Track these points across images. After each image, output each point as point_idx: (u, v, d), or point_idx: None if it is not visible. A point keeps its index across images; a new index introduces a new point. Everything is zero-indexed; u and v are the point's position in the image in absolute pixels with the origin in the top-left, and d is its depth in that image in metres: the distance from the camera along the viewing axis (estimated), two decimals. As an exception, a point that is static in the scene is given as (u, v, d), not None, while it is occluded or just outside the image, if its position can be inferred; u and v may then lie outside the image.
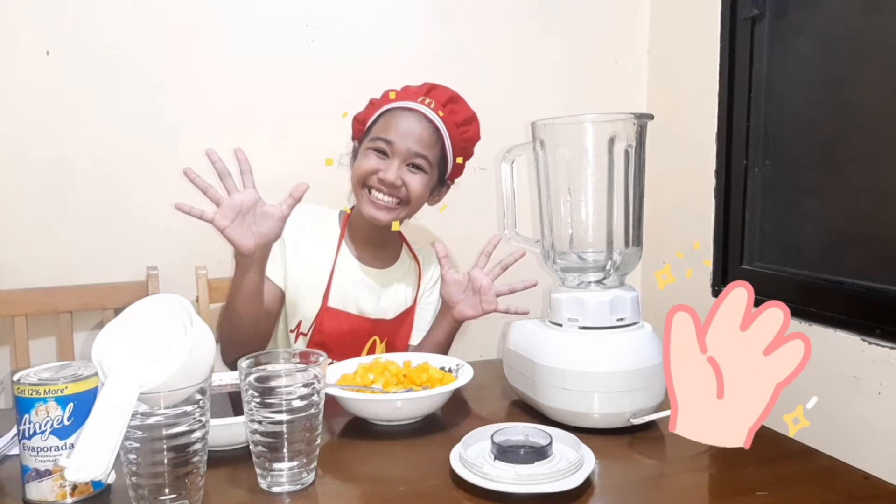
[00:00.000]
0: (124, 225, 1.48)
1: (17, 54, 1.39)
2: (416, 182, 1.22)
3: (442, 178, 1.29)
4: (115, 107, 1.45)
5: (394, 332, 1.31)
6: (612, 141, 1.03)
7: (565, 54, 1.74)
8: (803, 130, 1.36)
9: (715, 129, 1.53)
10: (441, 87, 1.28)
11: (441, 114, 1.24)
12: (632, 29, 1.78)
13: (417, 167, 1.22)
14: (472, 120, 1.29)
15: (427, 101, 1.24)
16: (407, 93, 1.26)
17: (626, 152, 1.04)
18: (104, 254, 1.47)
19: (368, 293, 1.29)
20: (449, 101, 1.26)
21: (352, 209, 1.32)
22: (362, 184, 1.22)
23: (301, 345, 1.26)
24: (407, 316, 1.33)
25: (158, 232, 1.50)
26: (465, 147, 1.30)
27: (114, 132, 1.46)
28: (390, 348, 1.31)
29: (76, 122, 1.44)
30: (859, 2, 1.24)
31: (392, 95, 1.26)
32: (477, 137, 1.31)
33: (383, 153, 1.21)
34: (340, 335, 1.25)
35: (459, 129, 1.27)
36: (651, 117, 1.05)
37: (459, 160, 1.30)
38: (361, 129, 1.29)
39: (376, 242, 1.31)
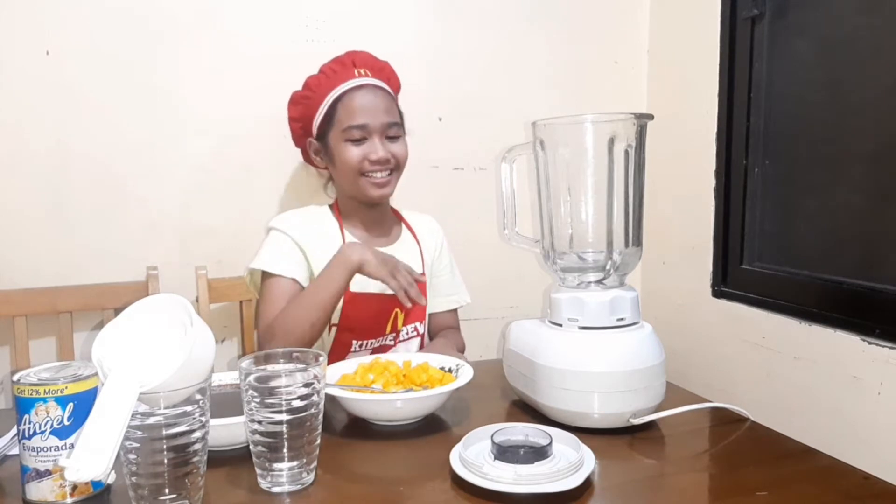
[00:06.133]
0: (124, 225, 1.48)
1: (17, 54, 1.39)
2: (399, 148, 1.29)
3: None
4: (115, 107, 1.45)
5: None
6: (612, 141, 1.03)
7: (565, 54, 1.73)
8: (803, 130, 1.36)
9: (715, 129, 1.53)
10: (356, 53, 1.31)
11: (378, 77, 1.29)
12: (632, 29, 1.78)
13: (394, 135, 1.28)
14: (391, 68, 1.34)
15: (361, 71, 1.28)
16: (338, 75, 1.28)
17: (626, 152, 1.04)
18: (104, 254, 1.47)
19: None
20: (371, 61, 1.31)
21: (336, 200, 1.36)
22: (359, 172, 1.26)
23: (331, 336, 1.27)
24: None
25: (158, 232, 1.50)
26: (398, 91, 1.35)
27: (114, 132, 1.46)
28: (408, 316, 1.32)
29: (76, 123, 1.44)
30: (859, 2, 1.24)
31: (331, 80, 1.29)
32: (398, 79, 1.36)
33: (360, 139, 1.25)
34: (367, 316, 1.27)
35: (391, 81, 1.33)
36: (651, 117, 1.05)
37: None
38: (304, 126, 1.32)
39: (374, 221, 1.35)
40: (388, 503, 0.78)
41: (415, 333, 1.35)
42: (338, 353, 1.25)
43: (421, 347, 1.37)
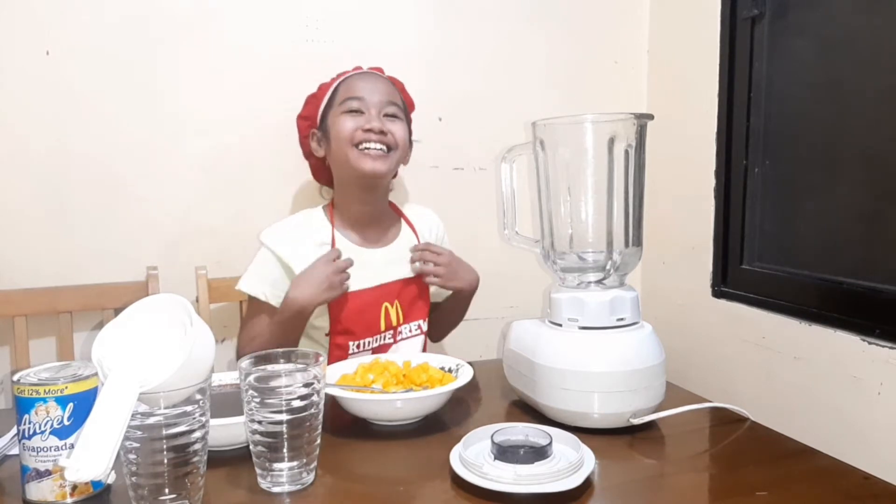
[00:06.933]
0: (124, 225, 1.48)
1: (17, 54, 1.39)
2: (397, 128, 1.26)
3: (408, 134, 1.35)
4: (115, 107, 1.45)
5: (409, 295, 1.31)
6: (612, 141, 1.03)
7: (565, 54, 1.73)
8: (803, 130, 1.36)
9: (715, 129, 1.52)
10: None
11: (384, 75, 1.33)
12: (632, 29, 1.78)
13: (393, 115, 1.27)
14: (403, 85, 1.36)
15: (367, 68, 1.33)
16: (345, 73, 1.32)
17: (626, 152, 1.04)
18: (104, 254, 1.47)
19: (375, 272, 1.28)
20: (381, 71, 1.34)
21: (332, 200, 1.35)
22: (351, 142, 1.24)
23: (326, 341, 1.26)
24: (416, 278, 1.32)
25: (158, 232, 1.50)
26: (411, 108, 1.37)
27: (114, 132, 1.46)
28: (407, 311, 1.30)
29: (76, 123, 1.43)
30: (859, 2, 1.24)
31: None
32: (412, 104, 1.38)
33: (357, 111, 1.25)
34: (355, 313, 1.24)
35: (402, 93, 1.34)
36: (651, 117, 1.05)
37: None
38: (311, 123, 1.33)
39: (368, 221, 1.32)
40: (388, 503, 0.78)
41: (418, 332, 1.32)
42: (336, 359, 1.23)
43: (425, 348, 1.36)
